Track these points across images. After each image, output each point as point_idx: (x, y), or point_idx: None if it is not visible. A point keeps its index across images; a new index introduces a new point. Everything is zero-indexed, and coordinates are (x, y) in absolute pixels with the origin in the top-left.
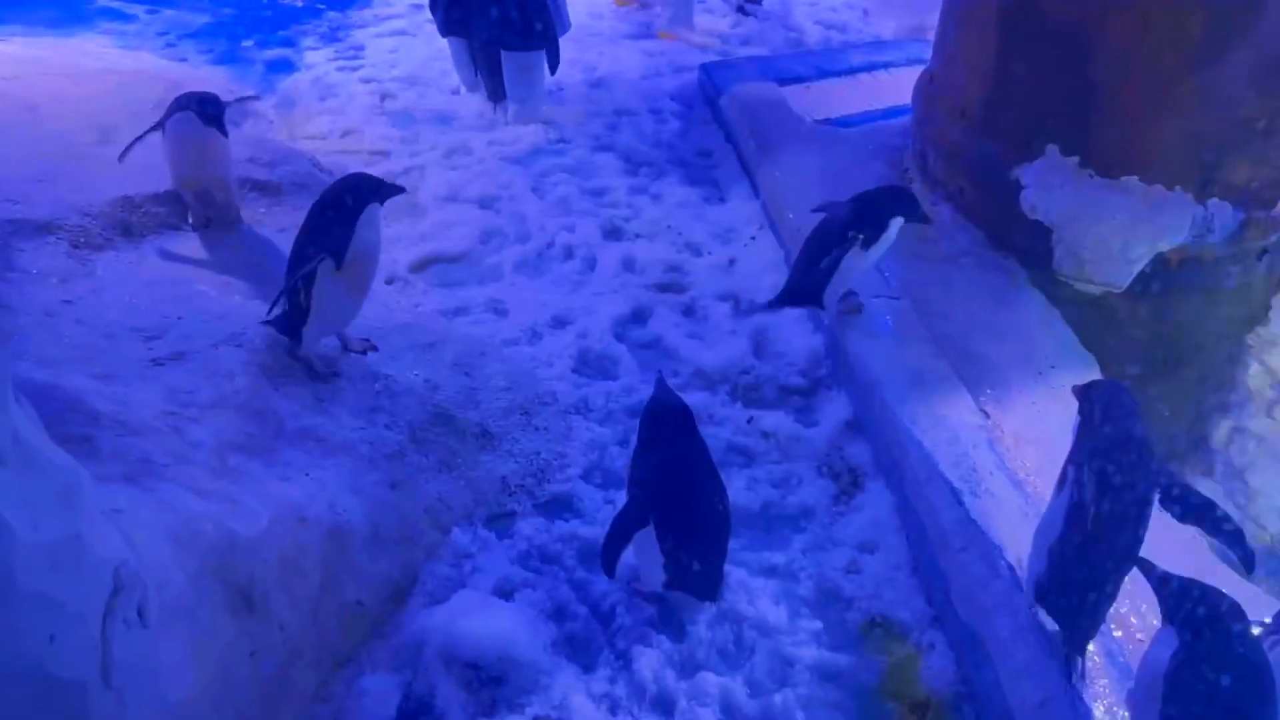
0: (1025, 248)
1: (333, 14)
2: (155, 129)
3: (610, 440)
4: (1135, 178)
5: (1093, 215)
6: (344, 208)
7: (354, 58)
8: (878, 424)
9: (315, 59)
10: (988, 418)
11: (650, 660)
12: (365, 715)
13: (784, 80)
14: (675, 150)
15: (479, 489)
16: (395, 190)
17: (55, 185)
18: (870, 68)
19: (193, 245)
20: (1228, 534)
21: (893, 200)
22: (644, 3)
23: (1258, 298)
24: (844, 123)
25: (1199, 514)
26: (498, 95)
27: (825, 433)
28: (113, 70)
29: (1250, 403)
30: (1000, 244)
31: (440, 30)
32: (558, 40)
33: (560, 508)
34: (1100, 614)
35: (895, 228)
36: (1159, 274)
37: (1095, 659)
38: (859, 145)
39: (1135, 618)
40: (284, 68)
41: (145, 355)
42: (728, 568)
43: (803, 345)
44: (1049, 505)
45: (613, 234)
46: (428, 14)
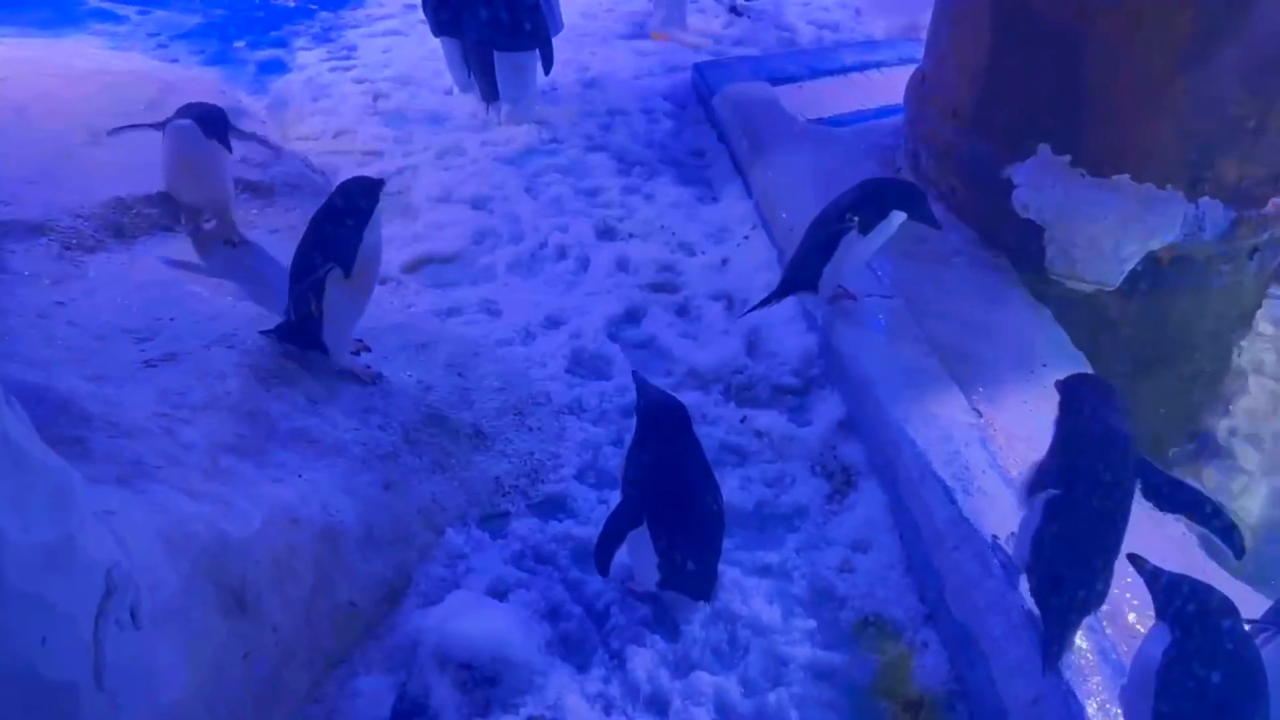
0: (1017, 247)
1: (325, 14)
2: (156, 127)
3: (604, 440)
4: (1127, 176)
5: (1084, 214)
6: (349, 215)
7: (346, 58)
8: (871, 423)
9: (307, 59)
10: (980, 416)
11: (644, 660)
12: (359, 716)
13: (776, 80)
14: (668, 150)
15: (473, 489)
16: (381, 183)
17: (47, 186)
18: (862, 67)
19: (185, 247)
20: (1213, 521)
21: (897, 193)
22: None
23: (1249, 296)
24: (836, 122)
25: (1183, 503)
26: (491, 95)
27: (818, 432)
28: (104, 71)
29: (1242, 400)
30: (992, 243)
31: (433, 30)
32: (550, 40)
33: (554, 508)
34: (1080, 603)
35: (896, 220)
36: (1150, 272)
37: (1088, 656)
38: (851, 145)
39: (1128, 615)
40: (276, 68)
41: (137, 357)
42: (721, 567)
43: (796, 345)
44: (1029, 499)
45: (606, 234)
46: (420, 14)
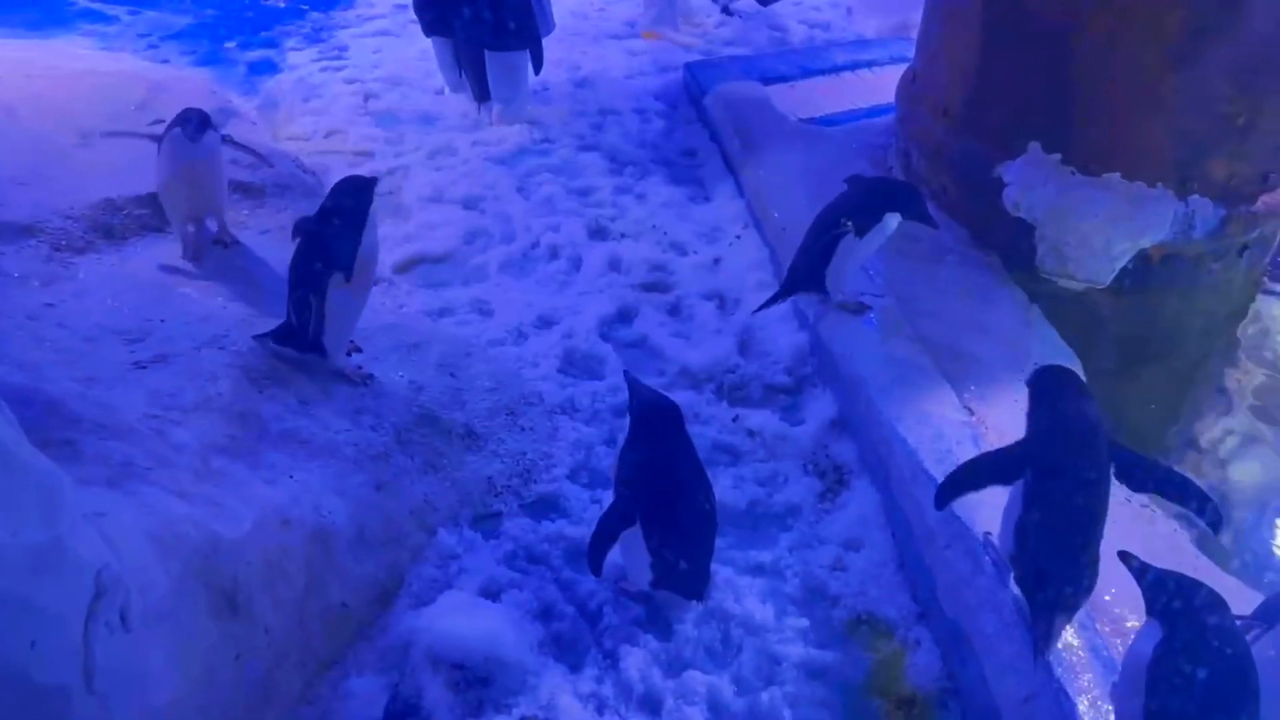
0: (1008, 245)
1: (316, 15)
2: (153, 139)
3: (596, 440)
4: (1117, 175)
5: (1075, 212)
6: (346, 217)
7: (337, 58)
8: (863, 422)
9: (298, 60)
10: (972, 414)
11: (637, 659)
12: (352, 717)
13: (768, 79)
14: (660, 150)
15: (465, 490)
16: (374, 181)
17: (36, 188)
18: (854, 66)
19: (175, 248)
20: (1189, 498)
21: (892, 194)
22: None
23: (1239, 293)
24: (828, 121)
25: (1156, 482)
26: (482, 95)
27: (811, 431)
28: (94, 72)
29: (1233, 397)
30: (984, 242)
31: (424, 30)
32: (541, 40)
33: (546, 508)
34: (1069, 593)
35: (892, 221)
36: (1141, 271)
37: (1080, 653)
38: (843, 144)
39: (1120, 613)
40: (267, 69)
41: (128, 358)
42: (714, 566)
43: (788, 344)
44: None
45: (598, 234)
46: (411, 14)
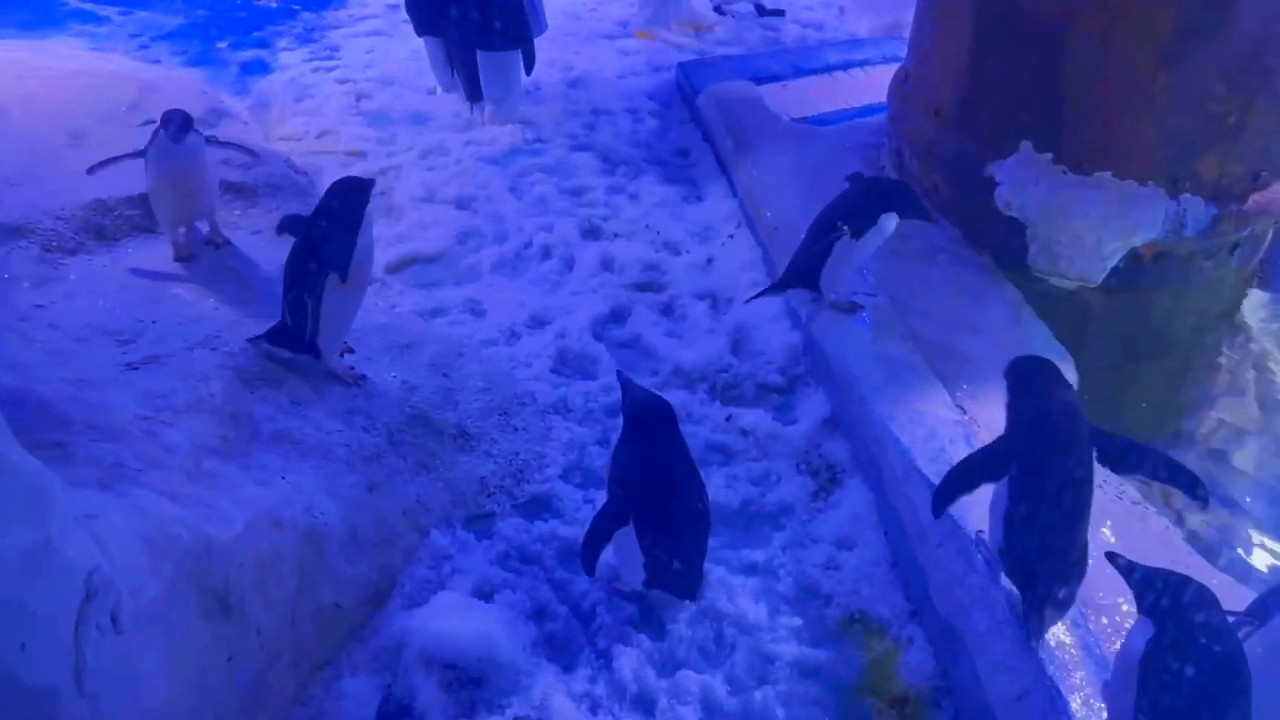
0: (1000, 244)
1: (308, 15)
2: (137, 155)
3: (589, 440)
4: (1108, 174)
5: (1066, 211)
6: (342, 219)
7: (329, 58)
8: (856, 421)
9: (290, 60)
10: (964, 413)
11: (631, 659)
12: (344, 718)
13: (761, 79)
14: (653, 149)
15: (457, 490)
16: (371, 183)
17: (26, 188)
18: (846, 66)
19: (167, 249)
20: (1173, 474)
21: (886, 195)
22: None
23: (1230, 291)
24: (820, 121)
25: (1138, 462)
26: (474, 95)
27: (804, 430)
28: (86, 72)
29: (1225, 394)
30: (976, 240)
31: (416, 30)
32: (533, 40)
33: (539, 508)
34: (1056, 576)
35: (889, 222)
36: (1132, 269)
37: (1072, 651)
38: (835, 143)
39: (1113, 611)
40: (259, 69)
41: (119, 359)
42: (707, 566)
43: (781, 343)
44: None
45: (591, 233)
46: (403, 14)
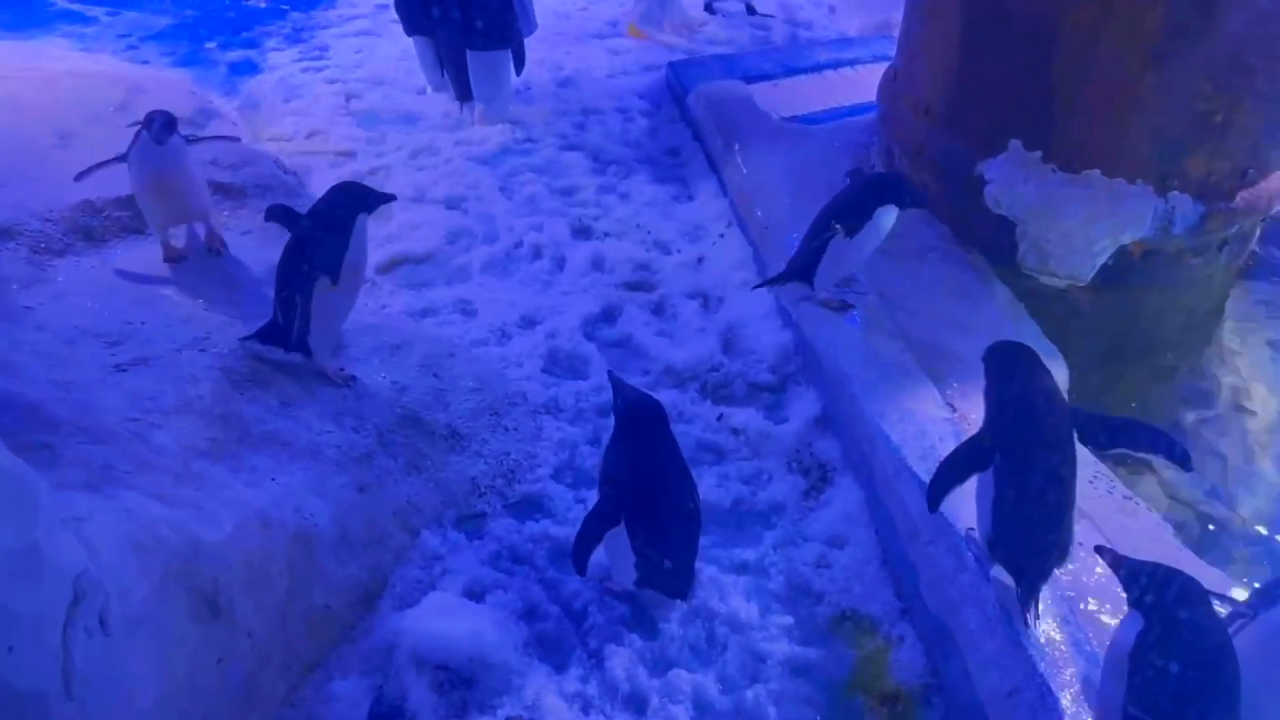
0: (990, 242)
1: (297, 15)
2: (119, 159)
3: (581, 439)
4: (1097, 172)
5: (1056, 209)
6: (336, 222)
7: (319, 58)
8: (846, 419)
9: (279, 60)
10: (954, 411)
11: (622, 659)
12: None
13: (751, 78)
14: (643, 149)
15: (448, 490)
16: (385, 199)
17: (14, 189)
18: (836, 65)
19: (155, 250)
20: (1154, 443)
21: (879, 189)
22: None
23: (1219, 289)
24: (810, 120)
25: (1118, 436)
26: (464, 95)
27: (795, 429)
28: (73, 73)
29: (1214, 391)
30: (966, 239)
31: (406, 30)
32: (523, 40)
33: (531, 508)
34: (1049, 558)
35: (885, 216)
36: (1121, 267)
37: (1062, 648)
38: (825, 142)
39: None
40: (248, 69)
41: (108, 361)
42: (699, 565)
43: (772, 342)
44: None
45: (581, 233)
46: (393, 14)
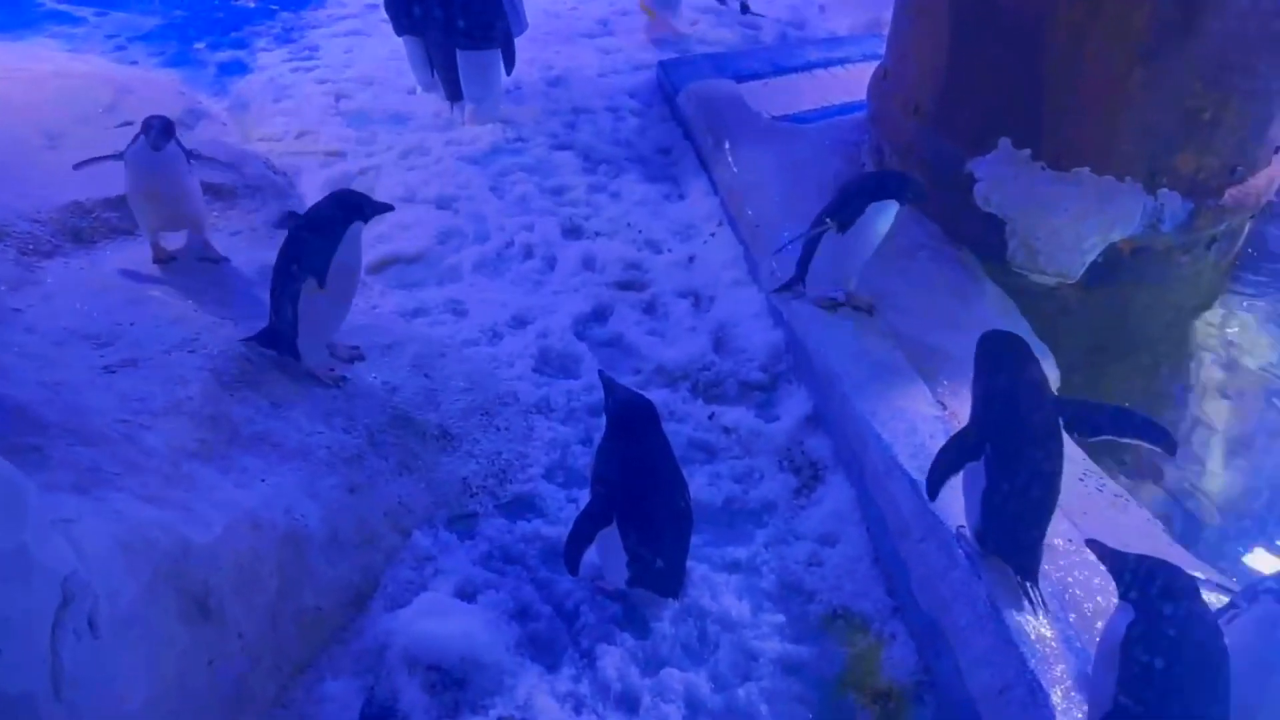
0: (980, 240)
1: (286, 14)
2: (115, 157)
3: (572, 439)
4: (1087, 169)
5: (1045, 207)
6: (327, 228)
7: (308, 58)
8: (837, 417)
9: (269, 60)
10: (945, 409)
11: (614, 658)
12: None
13: (741, 77)
14: (634, 148)
15: (440, 491)
16: (382, 208)
17: (2, 191)
18: (826, 64)
19: (145, 251)
20: (1138, 428)
21: (875, 186)
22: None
23: (1207, 286)
24: (801, 119)
25: (1103, 423)
26: (455, 95)
27: (786, 427)
28: (61, 74)
29: (1203, 388)
30: (956, 237)
31: (395, 30)
32: (513, 39)
33: (522, 508)
34: (1039, 544)
35: (880, 212)
36: (1111, 264)
37: (1053, 645)
38: (816, 141)
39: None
40: (237, 69)
41: (97, 362)
42: (690, 564)
43: (763, 341)
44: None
45: (572, 232)
46: (382, 13)
